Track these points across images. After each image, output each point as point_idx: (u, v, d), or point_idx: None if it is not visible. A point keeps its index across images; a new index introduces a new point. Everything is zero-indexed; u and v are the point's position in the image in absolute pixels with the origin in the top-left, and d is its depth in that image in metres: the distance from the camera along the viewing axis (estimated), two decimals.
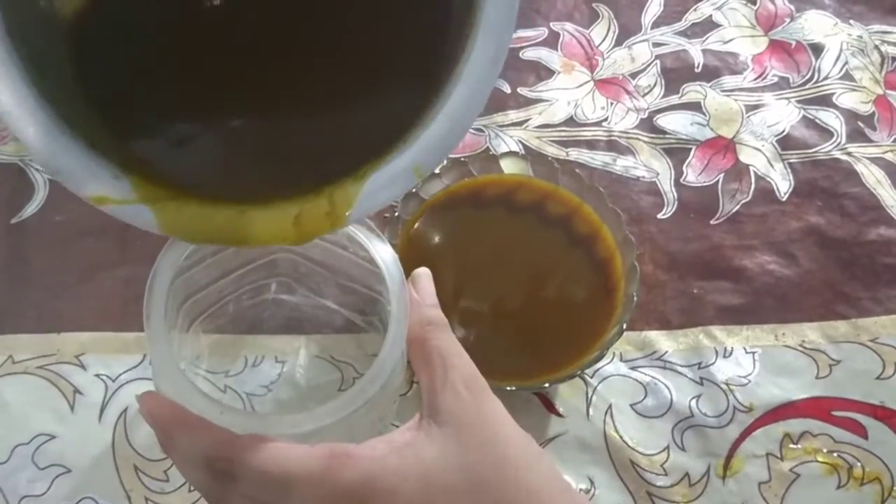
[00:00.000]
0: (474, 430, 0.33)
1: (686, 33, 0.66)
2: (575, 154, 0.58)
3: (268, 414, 0.35)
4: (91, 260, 0.51)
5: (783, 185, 0.58)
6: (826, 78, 0.64)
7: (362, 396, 0.35)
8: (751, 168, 0.59)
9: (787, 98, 0.63)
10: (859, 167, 0.59)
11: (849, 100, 0.63)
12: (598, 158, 0.58)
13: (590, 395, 0.49)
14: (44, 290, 0.50)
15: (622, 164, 0.58)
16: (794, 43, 0.66)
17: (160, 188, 0.30)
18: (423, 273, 0.39)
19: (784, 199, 0.57)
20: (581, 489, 0.46)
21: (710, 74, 0.64)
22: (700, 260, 0.54)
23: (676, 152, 0.59)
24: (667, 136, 0.60)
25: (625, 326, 0.46)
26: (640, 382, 0.49)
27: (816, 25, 0.67)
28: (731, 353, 0.51)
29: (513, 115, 0.60)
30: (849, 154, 0.60)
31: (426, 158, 0.30)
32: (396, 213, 0.49)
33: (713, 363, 0.50)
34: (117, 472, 0.45)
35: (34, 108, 0.28)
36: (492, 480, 0.32)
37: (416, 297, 0.37)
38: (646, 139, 0.59)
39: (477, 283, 0.49)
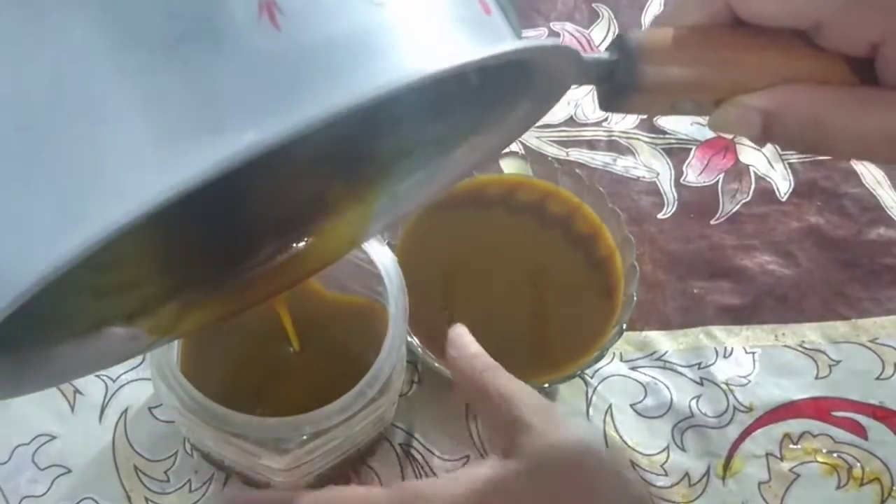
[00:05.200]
0: (553, 458, 0.32)
1: None
2: (575, 154, 0.58)
3: (268, 416, 0.35)
4: None
5: (783, 185, 0.58)
6: None
7: (361, 399, 0.35)
8: (751, 168, 0.59)
9: None
10: (859, 167, 0.59)
11: None
12: (598, 158, 0.58)
13: (590, 396, 0.49)
14: None
15: (622, 164, 0.58)
16: None
17: (171, 310, 0.29)
18: (459, 330, 0.38)
19: (784, 199, 0.57)
20: None
21: None
22: (700, 260, 0.54)
23: (676, 152, 0.59)
24: (667, 136, 0.60)
25: (625, 326, 0.46)
26: (640, 382, 0.49)
27: None
28: (731, 354, 0.51)
29: None
30: None
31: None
32: None
33: (713, 363, 0.50)
34: (117, 472, 0.45)
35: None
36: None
37: (463, 352, 0.37)
38: (646, 139, 0.59)
39: (476, 283, 0.49)
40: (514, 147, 0.58)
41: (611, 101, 0.27)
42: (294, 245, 0.32)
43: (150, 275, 0.29)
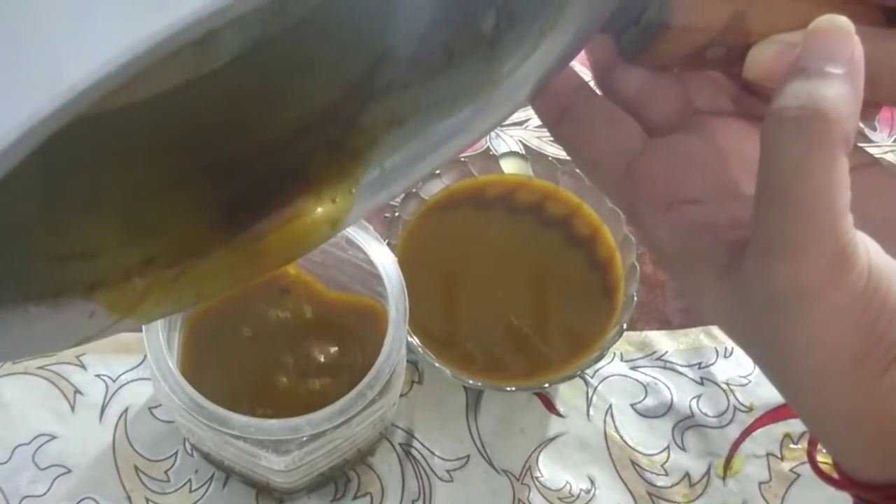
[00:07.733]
0: None
1: None
2: None
3: (268, 418, 0.35)
4: None
5: None
6: None
7: (361, 401, 0.35)
8: None
9: None
10: None
11: None
12: None
13: (590, 395, 0.49)
14: None
15: None
16: None
17: (135, 287, 0.27)
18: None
19: None
20: (581, 489, 0.46)
21: None
22: None
23: None
24: None
25: (625, 326, 0.46)
26: (640, 382, 0.49)
27: None
28: (731, 353, 0.51)
29: (513, 115, 0.60)
30: None
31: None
32: (396, 213, 0.49)
33: (713, 363, 0.50)
34: (118, 472, 0.45)
35: None
36: None
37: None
38: None
39: (477, 283, 0.49)
40: (515, 147, 0.58)
41: (638, 44, 0.27)
42: (269, 228, 0.30)
43: (115, 243, 0.28)
